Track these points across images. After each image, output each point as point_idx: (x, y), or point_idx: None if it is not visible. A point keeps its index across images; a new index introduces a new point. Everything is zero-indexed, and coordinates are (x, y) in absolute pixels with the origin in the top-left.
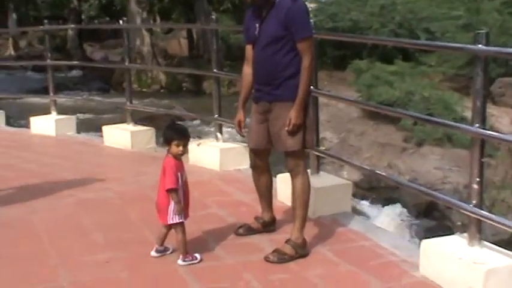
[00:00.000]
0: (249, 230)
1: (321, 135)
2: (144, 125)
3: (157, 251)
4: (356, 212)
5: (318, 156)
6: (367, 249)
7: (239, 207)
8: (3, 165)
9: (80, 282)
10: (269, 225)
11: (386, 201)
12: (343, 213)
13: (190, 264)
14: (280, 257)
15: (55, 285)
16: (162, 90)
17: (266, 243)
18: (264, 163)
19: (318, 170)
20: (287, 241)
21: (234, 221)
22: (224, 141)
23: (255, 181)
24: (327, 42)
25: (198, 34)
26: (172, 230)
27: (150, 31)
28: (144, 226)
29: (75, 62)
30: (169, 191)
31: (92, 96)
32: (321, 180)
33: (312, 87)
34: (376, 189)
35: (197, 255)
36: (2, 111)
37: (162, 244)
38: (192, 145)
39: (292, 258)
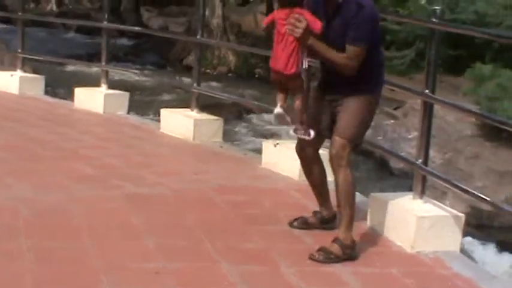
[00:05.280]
0: (305, 224)
1: None
2: (210, 113)
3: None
4: (464, 253)
5: (424, 176)
6: None
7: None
8: (39, 141)
9: None
10: (327, 222)
11: (501, 245)
12: (450, 252)
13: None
14: (327, 256)
15: None
16: (229, 74)
17: (349, 277)
18: (314, 152)
19: (422, 194)
20: (334, 240)
21: (312, 243)
22: None
23: (307, 174)
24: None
25: None
26: None
27: (223, 0)
28: (203, 235)
29: (137, 28)
30: None
31: (145, 71)
32: (425, 208)
33: (426, 91)
34: (486, 228)
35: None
36: (41, 76)
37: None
38: (267, 144)
39: (339, 259)
